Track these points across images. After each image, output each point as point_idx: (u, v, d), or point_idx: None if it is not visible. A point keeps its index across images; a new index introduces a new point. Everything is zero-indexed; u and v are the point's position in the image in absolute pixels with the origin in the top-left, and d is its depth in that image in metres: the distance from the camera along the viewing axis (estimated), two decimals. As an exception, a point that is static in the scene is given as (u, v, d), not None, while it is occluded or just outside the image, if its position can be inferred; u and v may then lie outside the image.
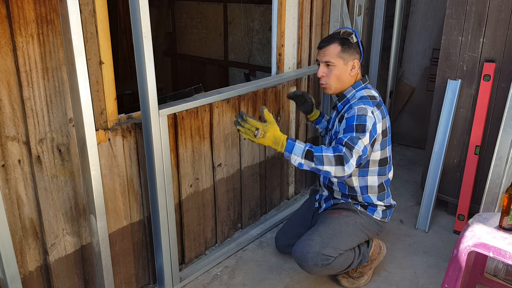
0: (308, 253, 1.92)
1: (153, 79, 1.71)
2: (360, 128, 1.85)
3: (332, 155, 1.76)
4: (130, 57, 4.98)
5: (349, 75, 2.02)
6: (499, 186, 2.24)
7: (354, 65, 2.01)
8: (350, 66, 2.01)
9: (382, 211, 2.11)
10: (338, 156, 1.76)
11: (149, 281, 2.12)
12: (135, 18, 1.62)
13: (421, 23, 3.54)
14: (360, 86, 2.05)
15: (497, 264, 2.05)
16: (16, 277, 1.49)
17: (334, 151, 1.77)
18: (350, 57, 2.00)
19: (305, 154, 1.76)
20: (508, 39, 2.36)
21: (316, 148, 1.78)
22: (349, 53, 1.99)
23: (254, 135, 1.76)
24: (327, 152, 1.76)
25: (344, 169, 1.76)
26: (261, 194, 2.67)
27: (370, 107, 1.91)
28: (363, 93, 2.01)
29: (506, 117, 2.24)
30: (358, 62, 2.02)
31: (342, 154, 1.76)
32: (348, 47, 1.99)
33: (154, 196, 1.89)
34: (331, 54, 1.99)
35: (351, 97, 2.04)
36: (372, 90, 2.05)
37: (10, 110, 1.44)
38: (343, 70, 2.01)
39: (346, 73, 2.02)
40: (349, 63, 2.00)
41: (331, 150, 1.78)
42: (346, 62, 2.00)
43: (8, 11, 1.37)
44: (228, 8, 4.49)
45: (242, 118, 1.76)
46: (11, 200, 1.51)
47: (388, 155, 2.06)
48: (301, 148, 1.77)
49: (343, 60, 1.99)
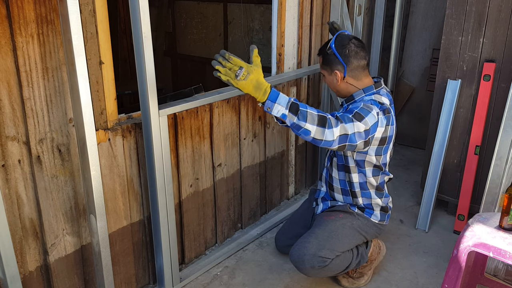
0: (305, 256, 1.92)
1: (153, 79, 1.71)
2: (359, 116, 1.79)
3: (316, 114, 1.69)
4: (130, 57, 4.98)
5: (338, 85, 2.01)
6: (499, 186, 2.24)
7: (336, 76, 1.99)
8: (334, 77, 2.01)
9: (380, 214, 2.11)
10: (322, 117, 1.69)
11: (149, 281, 2.12)
12: (135, 18, 1.62)
13: (421, 23, 3.54)
14: (371, 91, 1.99)
15: (497, 264, 2.05)
16: (16, 277, 1.49)
17: (318, 112, 1.70)
18: (332, 67, 1.99)
19: (290, 105, 1.67)
20: (508, 39, 2.36)
21: (305, 105, 1.71)
22: (328, 64, 2.00)
23: (236, 75, 1.60)
24: (312, 110, 1.69)
25: (325, 132, 1.68)
26: (261, 194, 2.67)
27: (377, 109, 1.87)
28: (372, 97, 1.95)
29: (506, 117, 2.24)
30: (338, 73, 1.97)
31: (327, 117, 1.70)
32: (327, 59, 2.00)
33: (154, 196, 1.89)
34: (320, 65, 2.07)
35: (359, 100, 1.99)
36: (383, 97, 1.97)
37: (10, 110, 1.44)
38: (329, 79, 2.04)
39: (334, 83, 2.02)
40: (332, 74, 2.01)
41: (316, 111, 1.70)
42: (329, 73, 2.02)
43: (8, 11, 1.37)
44: (228, 8, 4.49)
45: (224, 57, 1.61)
46: (11, 200, 1.51)
47: (383, 163, 2.01)
48: (286, 98, 1.68)
49: (327, 71, 2.03)
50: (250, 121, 2.43)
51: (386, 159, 2.02)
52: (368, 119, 1.80)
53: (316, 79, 2.89)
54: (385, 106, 1.91)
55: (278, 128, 2.65)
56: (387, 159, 2.03)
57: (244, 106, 2.36)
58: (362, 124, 1.77)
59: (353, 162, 2.00)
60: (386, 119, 1.89)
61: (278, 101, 1.67)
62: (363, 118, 1.79)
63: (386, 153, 2.00)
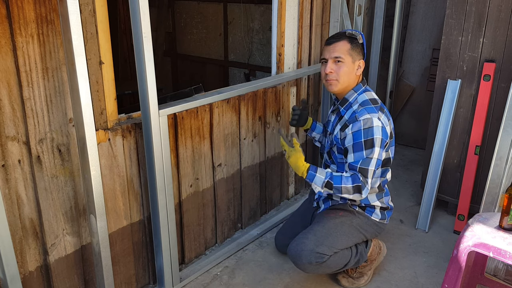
0: (303, 251, 1.92)
1: (153, 79, 1.71)
2: (369, 144, 1.88)
3: (351, 186, 1.87)
4: (130, 57, 4.98)
5: (355, 75, 2.02)
6: (499, 186, 2.24)
7: (360, 65, 2.01)
8: (356, 66, 2.00)
9: (381, 213, 2.11)
10: (356, 186, 1.88)
11: (149, 281, 2.12)
12: (135, 18, 1.62)
13: (421, 23, 3.54)
14: (361, 89, 2.03)
15: (497, 264, 2.05)
16: (16, 277, 1.50)
17: (352, 181, 1.87)
18: (357, 56, 2.00)
19: (325, 185, 1.91)
20: (508, 39, 2.36)
21: (336, 178, 1.90)
22: (356, 52, 1.99)
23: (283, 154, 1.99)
24: (346, 184, 1.88)
25: (362, 195, 1.89)
26: (261, 194, 2.67)
27: (375, 114, 1.91)
28: (365, 96, 1.99)
29: (506, 117, 2.24)
30: (364, 63, 2.02)
31: (360, 184, 1.87)
32: (356, 46, 1.99)
33: (154, 196, 1.89)
34: (341, 50, 1.97)
35: (353, 101, 2.01)
36: (372, 92, 2.05)
37: (10, 110, 1.44)
38: (351, 68, 1.99)
39: (353, 71, 2.01)
40: (356, 62, 2.00)
41: (350, 181, 1.88)
42: (353, 60, 1.99)
43: (8, 11, 1.38)
44: (228, 8, 4.49)
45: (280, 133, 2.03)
46: (11, 200, 1.51)
47: (391, 156, 2.06)
48: (322, 179, 1.91)
49: (352, 57, 1.99)
50: (250, 121, 2.43)
51: (393, 153, 2.09)
52: (376, 135, 1.88)
53: (316, 79, 2.89)
54: (378, 105, 1.98)
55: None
56: (393, 153, 2.09)
57: (244, 106, 2.36)
58: (376, 147, 1.88)
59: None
60: (386, 117, 1.97)
61: (314, 182, 1.93)
62: (373, 140, 1.88)
63: (393, 146, 2.07)
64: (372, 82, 3.44)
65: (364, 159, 1.88)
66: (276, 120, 2.60)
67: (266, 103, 2.50)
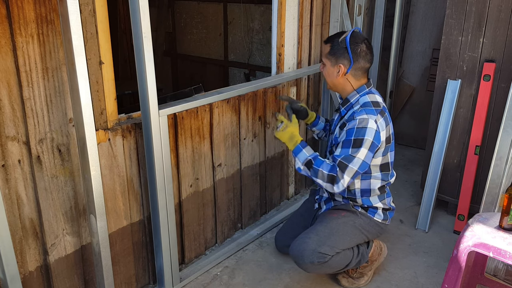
0: (305, 251, 1.92)
1: (153, 79, 1.71)
2: (357, 143, 1.87)
3: (326, 173, 1.90)
4: (130, 57, 4.98)
5: (336, 78, 2.01)
6: (499, 186, 2.24)
7: (340, 69, 1.99)
8: (336, 69, 2.00)
9: (383, 213, 2.11)
10: (330, 176, 1.89)
11: (149, 281, 2.12)
12: (135, 18, 1.62)
13: (421, 23, 3.54)
14: (364, 91, 2.02)
15: (497, 264, 2.05)
16: (16, 277, 1.49)
17: (330, 170, 1.90)
18: (337, 60, 1.98)
19: (306, 162, 1.95)
20: (508, 39, 2.36)
21: (318, 160, 1.93)
22: (335, 56, 1.98)
23: (277, 127, 2.06)
24: (323, 169, 1.91)
25: (333, 188, 1.90)
26: (261, 194, 2.67)
27: (374, 116, 1.90)
28: (366, 98, 1.98)
29: (506, 117, 2.24)
30: (342, 67, 1.98)
31: (334, 175, 1.88)
32: (336, 49, 1.98)
33: (154, 196, 1.89)
34: (324, 53, 2.04)
35: (354, 102, 2.01)
36: (376, 95, 2.03)
37: (10, 110, 1.44)
38: (330, 71, 2.02)
39: (333, 75, 2.01)
40: (336, 66, 2.00)
41: (328, 168, 1.91)
42: (333, 64, 2.00)
43: (8, 11, 1.37)
44: (228, 8, 4.49)
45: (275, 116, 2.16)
46: (11, 200, 1.51)
47: (390, 161, 2.05)
48: (305, 156, 1.95)
49: (330, 61, 2.01)
50: (250, 121, 2.43)
51: (393, 156, 2.07)
52: (367, 137, 1.87)
53: (316, 79, 2.89)
54: (379, 108, 1.96)
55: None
56: (392, 158, 2.07)
57: (244, 106, 2.36)
58: (363, 148, 1.88)
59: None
60: (384, 121, 1.95)
61: (298, 156, 1.98)
62: (361, 141, 1.88)
63: (392, 151, 2.06)
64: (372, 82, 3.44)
65: (348, 156, 1.88)
66: (276, 120, 2.60)
67: (266, 103, 2.50)
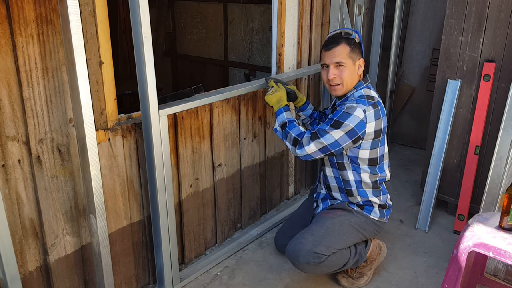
0: (300, 251, 1.92)
1: (153, 79, 1.71)
2: (337, 124, 1.91)
3: (294, 136, 2.00)
4: (130, 57, 4.98)
5: (357, 74, 2.04)
6: (499, 186, 2.24)
7: (360, 64, 2.04)
8: (357, 66, 2.02)
9: (379, 211, 2.11)
10: (295, 139, 1.99)
11: (149, 281, 2.12)
12: (135, 18, 1.62)
13: (421, 23, 3.54)
14: (362, 86, 2.05)
15: (497, 264, 2.05)
16: (16, 277, 1.49)
17: (298, 134, 1.99)
18: (357, 56, 2.02)
19: (282, 124, 2.07)
20: (508, 39, 2.36)
21: (292, 125, 2.04)
22: (355, 52, 2.01)
23: (267, 91, 2.19)
24: (293, 132, 2.01)
25: (296, 151, 1.99)
26: (261, 194, 2.67)
27: (363, 106, 1.92)
28: (361, 92, 2.02)
29: (506, 117, 2.24)
30: (363, 61, 2.05)
31: (300, 139, 1.97)
32: (354, 46, 2.00)
33: (154, 196, 1.89)
34: (342, 55, 1.98)
35: (350, 95, 2.04)
36: (372, 90, 2.06)
37: (10, 110, 1.44)
38: (352, 69, 2.01)
39: (355, 72, 2.03)
40: (356, 63, 2.02)
41: (297, 132, 2.00)
42: (354, 61, 2.01)
43: (8, 11, 1.38)
44: (228, 8, 4.49)
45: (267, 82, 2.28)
46: (11, 200, 1.51)
47: (379, 156, 2.03)
48: (283, 118, 2.08)
49: (352, 59, 2.00)
50: (250, 121, 2.43)
51: (384, 150, 2.07)
52: (348, 122, 1.90)
53: (316, 79, 2.89)
54: (372, 101, 1.97)
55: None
56: (385, 151, 2.07)
57: (244, 106, 2.36)
58: (340, 130, 1.91)
59: (346, 158, 2.02)
60: (374, 114, 1.94)
61: (278, 117, 2.10)
62: (341, 124, 1.91)
63: (383, 145, 2.05)
64: (372, 82, 3.44)
65: (323, 130, 1.93)
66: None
67: (266, 103, 2.50)
